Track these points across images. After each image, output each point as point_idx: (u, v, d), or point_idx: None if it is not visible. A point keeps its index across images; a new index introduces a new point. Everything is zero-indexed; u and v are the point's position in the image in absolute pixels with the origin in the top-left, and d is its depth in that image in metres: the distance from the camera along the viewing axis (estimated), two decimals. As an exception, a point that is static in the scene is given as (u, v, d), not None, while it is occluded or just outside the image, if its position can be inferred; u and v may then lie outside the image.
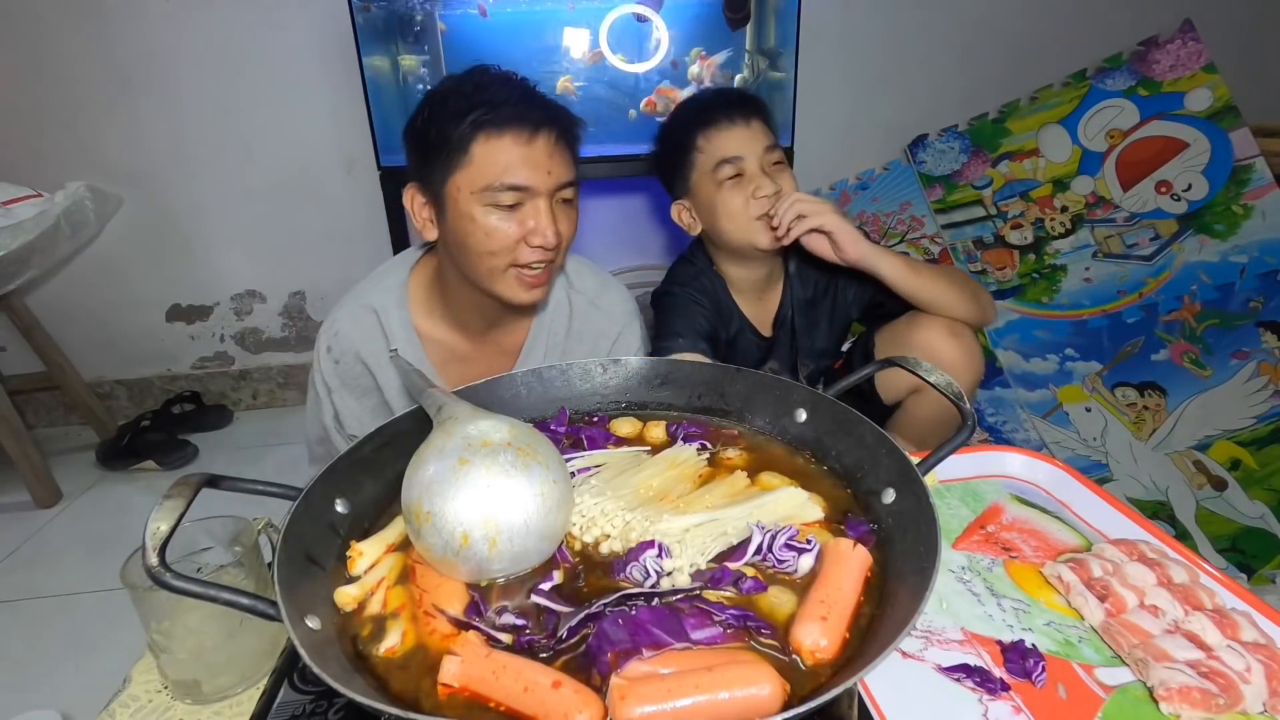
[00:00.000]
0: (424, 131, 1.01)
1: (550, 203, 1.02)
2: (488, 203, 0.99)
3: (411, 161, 1.07)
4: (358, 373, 1.16)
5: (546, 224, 1.00)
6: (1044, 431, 1.99)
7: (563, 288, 1.21)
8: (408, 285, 1.17)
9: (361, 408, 1.17)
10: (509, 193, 0.99)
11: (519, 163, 0.98)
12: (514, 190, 0.99)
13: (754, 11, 2.04)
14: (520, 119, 0.98)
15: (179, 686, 0.77)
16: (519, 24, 2.03)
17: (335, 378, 1.17)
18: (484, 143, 0.98)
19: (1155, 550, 0.75)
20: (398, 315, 1.14)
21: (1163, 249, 1.96)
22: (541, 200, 1.01)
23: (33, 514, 2.04)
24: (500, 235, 1.01)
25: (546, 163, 1.00)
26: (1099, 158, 2.02)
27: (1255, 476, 1.79)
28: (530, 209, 1.00)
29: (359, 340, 1.14)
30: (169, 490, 0.58)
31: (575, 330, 1.21)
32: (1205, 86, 1.91)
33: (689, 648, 0.54)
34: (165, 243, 2.31)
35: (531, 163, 0.99)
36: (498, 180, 0.98)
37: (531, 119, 0.99)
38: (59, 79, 2.10)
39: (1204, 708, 0.58)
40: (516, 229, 1.01)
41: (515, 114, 0.98)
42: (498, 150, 0.98)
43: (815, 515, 0.67)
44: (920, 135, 2.17)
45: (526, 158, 0.98)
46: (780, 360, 1.52)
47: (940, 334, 1.27)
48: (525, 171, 0.98)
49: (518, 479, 0.60)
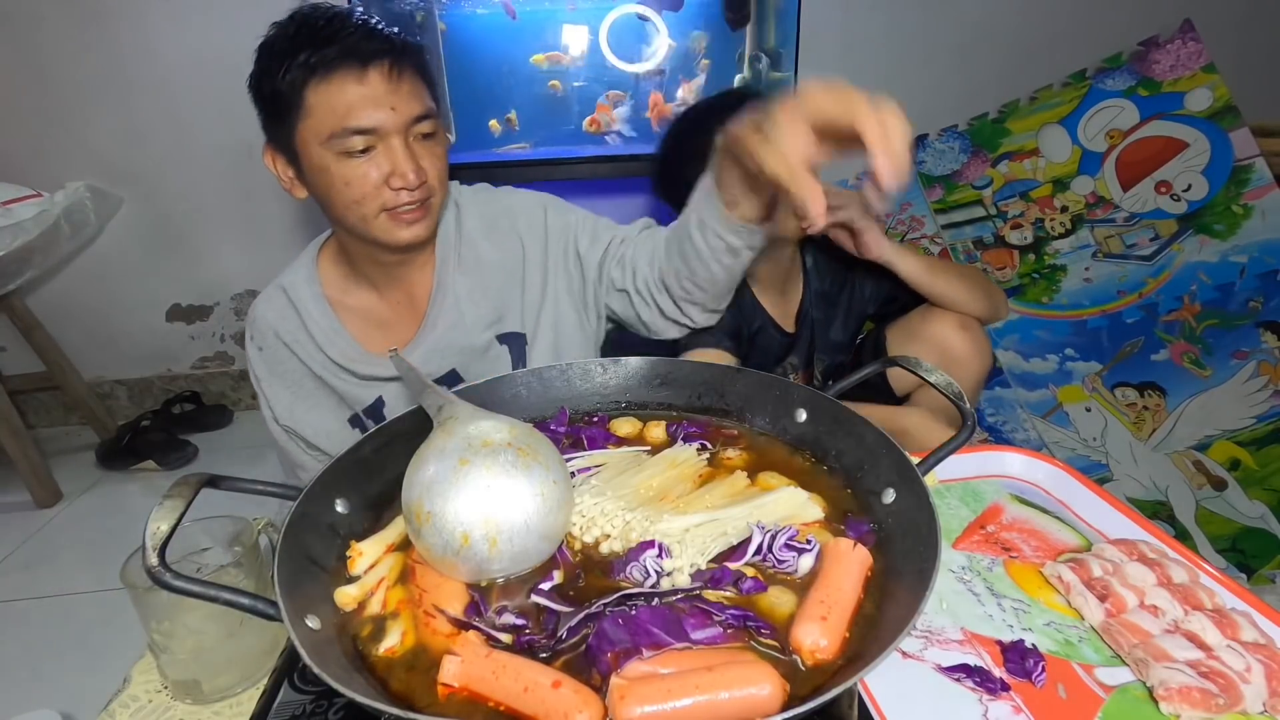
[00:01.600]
0: (259, 86, 0.96)
1: (405, 139, 0.96)
2: (338, 150, 0.94)
3: (260, 120, 1.02)
4: (282, 356, 1.12)
5: (404, 163, 0.95)
6: (1044, 431, 1.99)
7: (453, 220, 1.14)
8: (317, 261, 1.14)
9: (294, 398, 1.13)
10: (356, 137, 0.93)
11: (358, 103, 0.92)
12: (360, 134, 0.93)
13: (754, 11, 2.04)
14: (349, 55, 0.91)
15: (179, 686, 0.77)
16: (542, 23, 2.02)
17: (262, 366, 1.13)
18: (316, 88, 0.92)
19: (1155, 550, 0.75)
20: (308, 290, 1.10)
21: (1163, 249, 1.96)
22: (395, 139, 0.95)
23: (33, 514, 2.04)
24: (359, 182, 0.95)
25: (389, 98, 0.93)
26: (1099, 158, 2.02)
27: (1255, 476, 1.79)
28: (384, 150, 0.95)
29: (274, 321, 1.11)
30: (169, 490, 0.58)
31: (477, 258, 1.13)
32: (1205, 86, 1.91)
33: (689, 648, 0.54)
34: (165, 243, 2.31)
35: (372, 101, 0.92)
36: (340, 126, 0.92)
37: (361, 53, 0.91)
38: (59, 79, 2.10)
39: (1204, 708, 0.58)
40: (375, 173, 0.95)
41: (342, 51, 0.91)
42: (332, 94, 0.92)
43: (815, 515, 0.67)
44: (920, 135, 2.17)
45: (365, 96, 0.92)
46: (800, 356, 1.52)
47: (951, 327, 1.32)
48: (367, 111, 0.92)
49: (518, 479, 0.60)
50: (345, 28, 0.93)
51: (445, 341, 1.10)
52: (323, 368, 1.11)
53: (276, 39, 0.95)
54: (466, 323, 1.11)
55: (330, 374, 1.11)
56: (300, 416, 1.13)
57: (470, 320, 1.11)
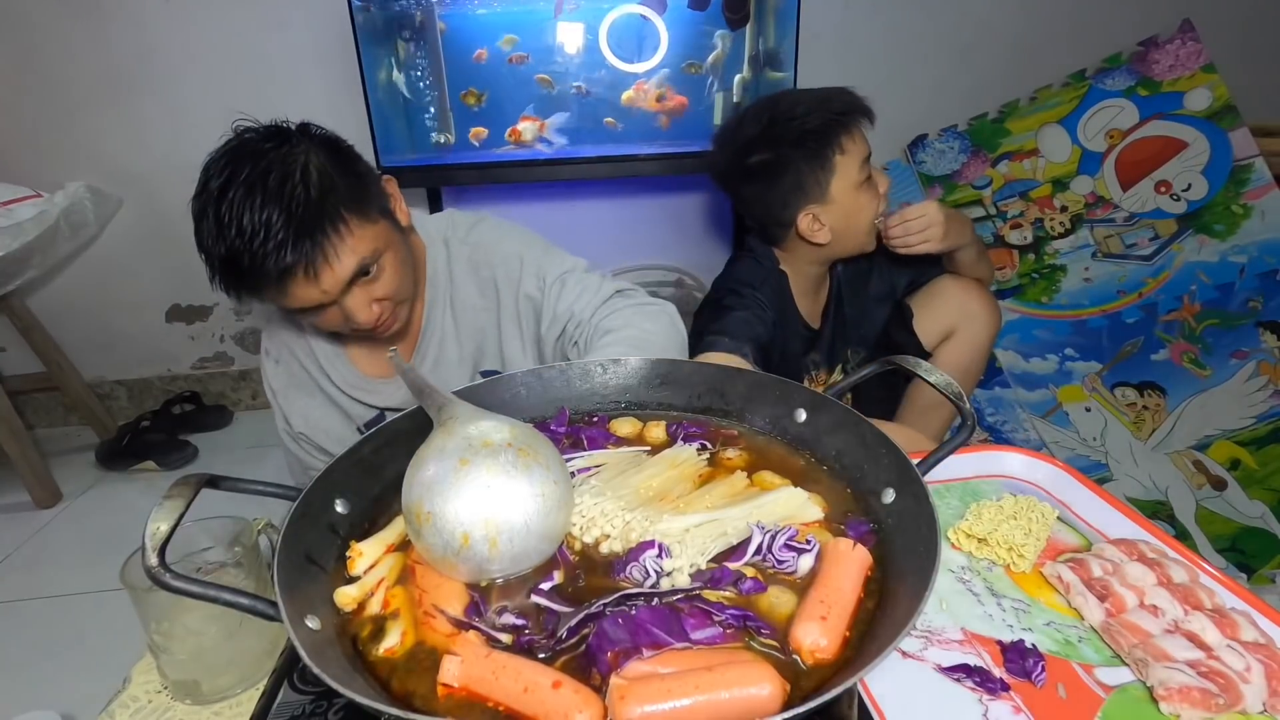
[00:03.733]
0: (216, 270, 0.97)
1: (348, 297, 1.00)
2: (301, 315, 1.03)
3: None
4: (296, 369, 1.18)
5: (354, 315, 1.01)
6: (1044, 431, 1.99)
7: (443, 262, 1.19)
8: None
9: (309, 405, 1.19)
10: (308, 313, 1.02)
11: (296, 298, 0.97)
12: (307, 312, 1.01)
13: (754, 11, 2.04)
14: (271, 282, 0.95)
15: (179, 687, 0.77)
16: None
17: (278, 379, 1.19)
18: (272, 293, 0.97)
19: (1155, 550, 0.75)
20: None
21: (1162, 249, 1.96)
22: (341, 300, 1.00)
23: (33, 514, 2.04)
24: (330, 322, 1.05)
25: (316, 291, 0.97)
26: (1098, 158, 2.02)
27: (1255, 476, 1.79)
28: (333, 310, 1.02)
29: (288, 338, 1.18)
30: (169, 490, 0.58)
31: (462, 300, 1.18)
32: (1205, 86, 1.91)
33: (689, 648, 0.54)
34: (165, 243, 2.31)
35: (303, 297, 0.97)
36: (294, 308, 1.00)
37: (280, 275, 0.93)
38: (59, 79, 2.10)
39: (1204, 707, 0.58)
40: (338, 317, 1.03)
41: (263, 277, 0.94)
42: (275, 296, 0.98)
43: (815, 515, 0.67)
44: (920, 135, 2.17)
45: (297, 296, 0.97)
46: (822, 352, 1.53)
47: (974, 292, 1.53)
48: (302, 301, 0.98)
49: (518, 480, 0.60)
50: (260, 263, 0.92)
51: (432, 376, 1.17)
52: (328, 386, 1.18)
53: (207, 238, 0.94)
54: (450, 359, 1.18)
55: (334, 393, 1.18)
56: (315, 423, 1.19)
57: (454, 357, 1.19)
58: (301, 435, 1.18)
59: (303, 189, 0.93)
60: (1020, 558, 0.75)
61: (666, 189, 2.35)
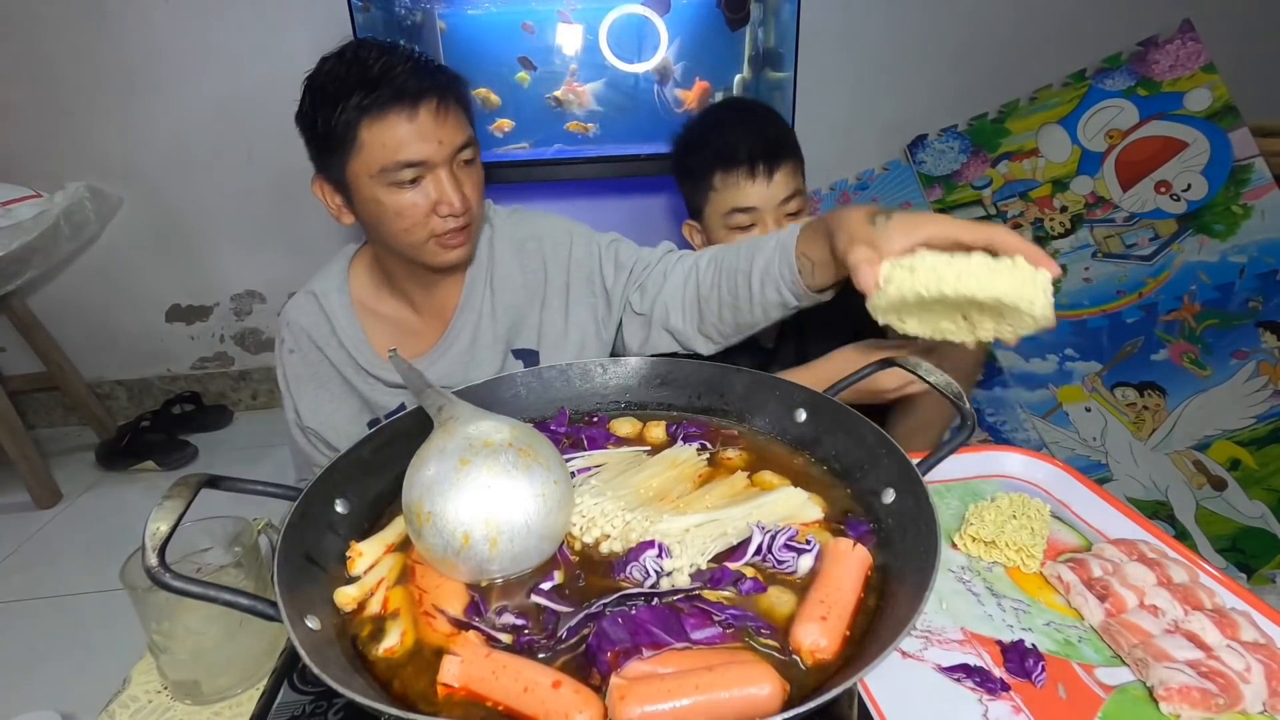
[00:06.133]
0: (311, 122, 1.02)
1: (450, 169, 1.02)
2: (389, 183, 1.00)
3: (309, 152, 1.07)
4: (314, 359, 1.18)
5: (450, 192, 1.01)
6: (1044, 431, 1.99)
7: (486, 240, 1.20)
8: (348, 270, 1.20)
9: (320, 398, 1.18)
10: (406, 169, 0.99)
11: (409, 139, 0.98)
12: (411, 167, 0.99)
13: (753, 11, 2.04)
14: (399, 95, 0.97)
15: (179, 687, 0.77)
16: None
17: (294, 368, 1.19)
18: (369, 126, 0.97)
19: (1155, 550, 0.75)
20: (338, 299, 1.16)
21: (1162, 249, 1.96)
22: (441, 170, 1.01)
23: (33, 514, 2.05)
24: (410, 211, 1.02)
25: (436, 132, 0.99)
26: (1098, 158, 2.02)
27: (1255, 476, 1.79)
28: (432, 180, 1.01)
29: (307, 325, 1.17)
30: (169, 490, 0.58)
31: (503, 278, 1.19)
32: (1204, 86, 1.91)
33: (689, 648, 0.54)
34: (165, 243, 2.31)
35: (421, 135, 0.98)
36: (391, 160, 0.98)
37: (411, 91, 0.97)
38: (60, 78, 2.10)
39: (1204, 707, 0.58)
40: (424, 202, 1.02)
41: (394, 92, 0.97)
42: (384, 131, 0.98)
43: (815, 515, 0.67)
44: (920, 135, 2.17)
45: (415, 132, 0.98)
46: (782, 370, 1.49)
47: None
48: (417, 146, 0.98)
49: (519, 480, 0.60)
50: (396, 67, 0.98)
51: (465, 354, 1.16)
52: (353, 371, 1.16)
53: (328, 79, 0.99)
54: (485, 338, 1.17)
55: (359, 378, 1.16)
56: (325, 418, 1.18)
57: (489, 336, 1.17)
58: (310, 429, 1.18)
59: (429, 59, 1.02)
60: (1030, 558, 0.76)
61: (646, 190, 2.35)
